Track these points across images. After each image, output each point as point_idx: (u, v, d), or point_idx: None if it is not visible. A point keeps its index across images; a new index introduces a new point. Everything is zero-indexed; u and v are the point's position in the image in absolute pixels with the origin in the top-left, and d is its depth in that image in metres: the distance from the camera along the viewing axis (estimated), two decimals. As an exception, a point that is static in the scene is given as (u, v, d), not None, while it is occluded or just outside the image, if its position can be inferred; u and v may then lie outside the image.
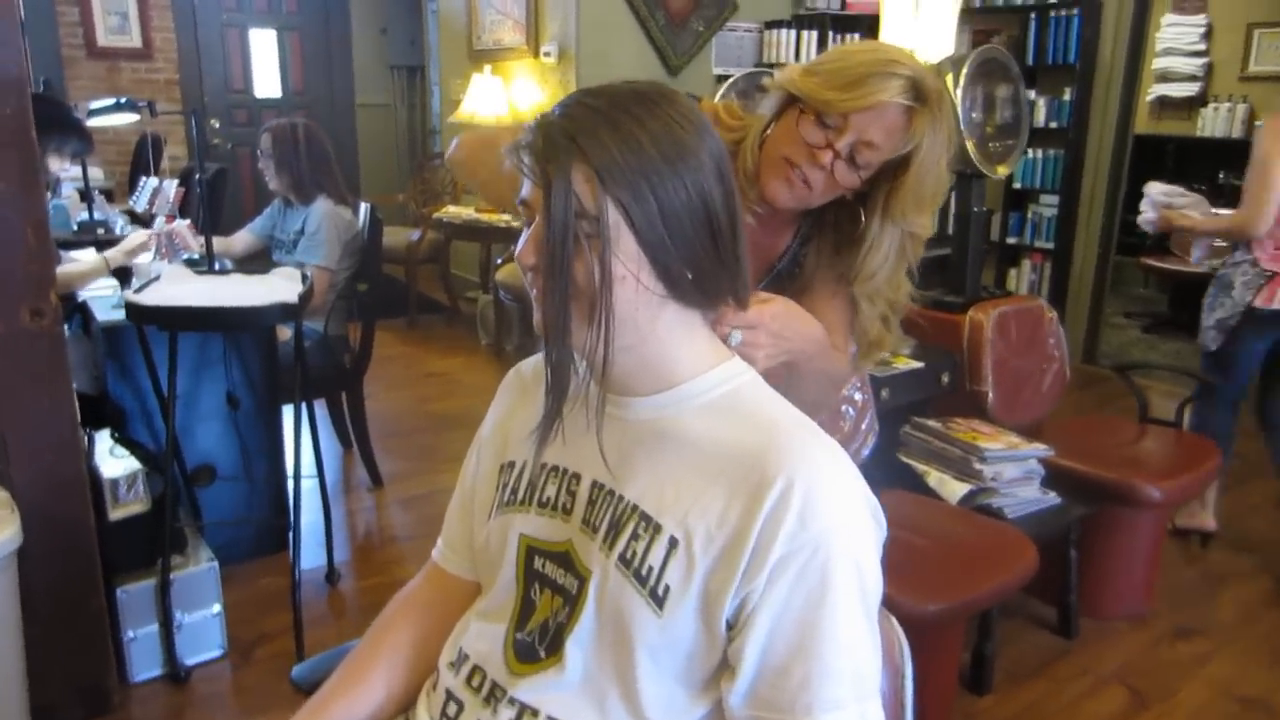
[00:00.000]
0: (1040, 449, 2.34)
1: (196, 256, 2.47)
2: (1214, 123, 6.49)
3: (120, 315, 2.22)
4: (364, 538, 3.07)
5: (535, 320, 0.85)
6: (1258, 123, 6.28)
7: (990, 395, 2.64)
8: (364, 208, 3.21)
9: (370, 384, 3.28)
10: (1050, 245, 4.85)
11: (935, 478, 2.36)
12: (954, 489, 2.30)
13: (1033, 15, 4.70)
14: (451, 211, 5.34)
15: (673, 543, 0.81)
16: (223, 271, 2.32)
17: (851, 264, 1.31)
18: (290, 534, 2.29)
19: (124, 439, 2.20)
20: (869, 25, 5.19)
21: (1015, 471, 2.31)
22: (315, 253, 2.99)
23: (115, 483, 2.01)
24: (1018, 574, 1.99)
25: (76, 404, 1.91)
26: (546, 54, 4.95)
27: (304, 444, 2.27)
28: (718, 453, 0.83)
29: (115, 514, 2.03)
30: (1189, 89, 6.61)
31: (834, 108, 1.20)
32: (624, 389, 0.88)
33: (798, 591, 0.77)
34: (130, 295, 1.97)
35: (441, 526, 1.13)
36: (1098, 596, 2.58)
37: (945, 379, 2.63)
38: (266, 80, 6.92)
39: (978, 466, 2.28)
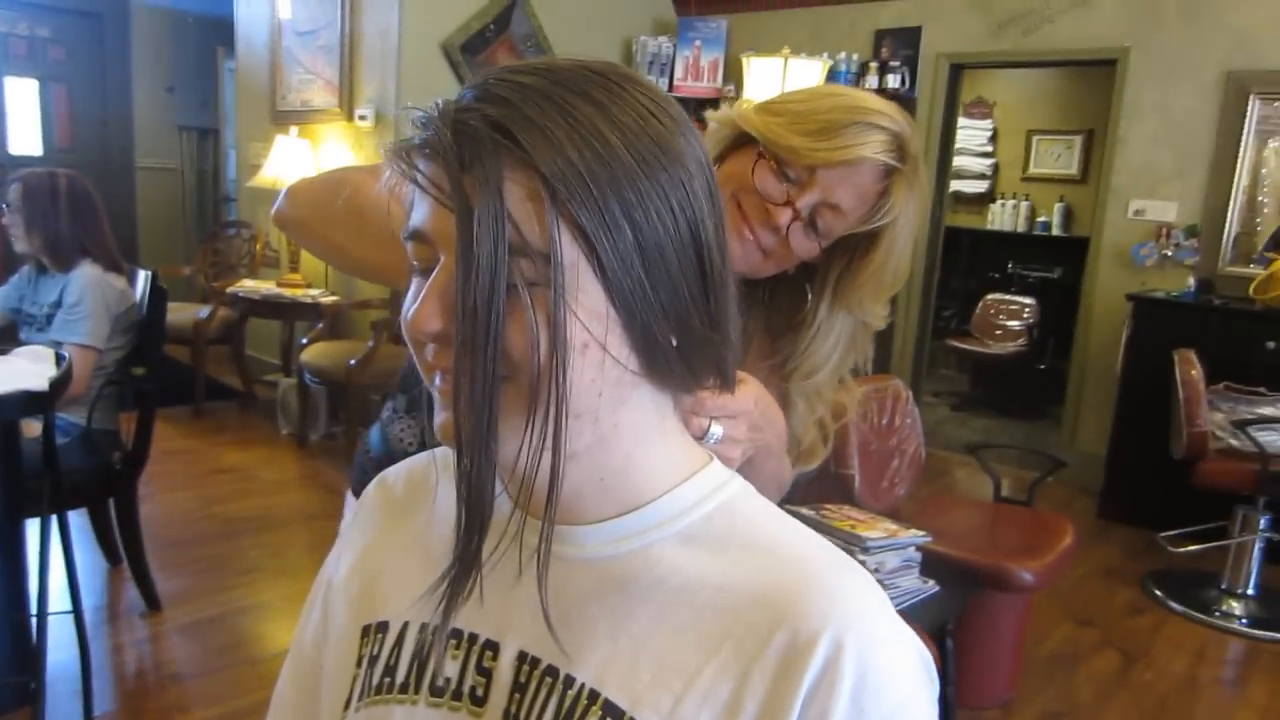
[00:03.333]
0: (918, 535, 2.20)
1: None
2: (1001, 217, 7.04)
3: None
4: (135, 679, 2.49)
5: (439, 421, 0.55)
6: (1040, 218, 6.90)
7: (856, 479, 2.50)
8: (142, 276, 2.72)
9: (144, 484, 2.75)
10: (890, 318, 4.93)
11: (813, 572, 2.17)
12: (835, 584, 2.11)
13: (850, 106, 4.85)
14: (248, 286, 4.81)
15: None
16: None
17: (790, 353, 1.06)
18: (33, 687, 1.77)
19: None
20: (694, 109, 5.22)
21: (896, 561, 2.16)
22: (76, 329, 2.48)
23: None
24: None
25: None
26: (362, 117, 4.61)
27: (55, 567, 1.77)
28: (718, 603, 0.55)
29: None
30: (979, 186, 7.15)
31: (801, 157, 0.95)
32: (565, 514, 0.59)
33: None
34: None
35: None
36: (969, 685, 2.48)
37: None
38: (24, 135, 6.10)
39: (861, 558, 2.10)
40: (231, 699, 2.35)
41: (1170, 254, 4.14)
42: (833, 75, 4.90)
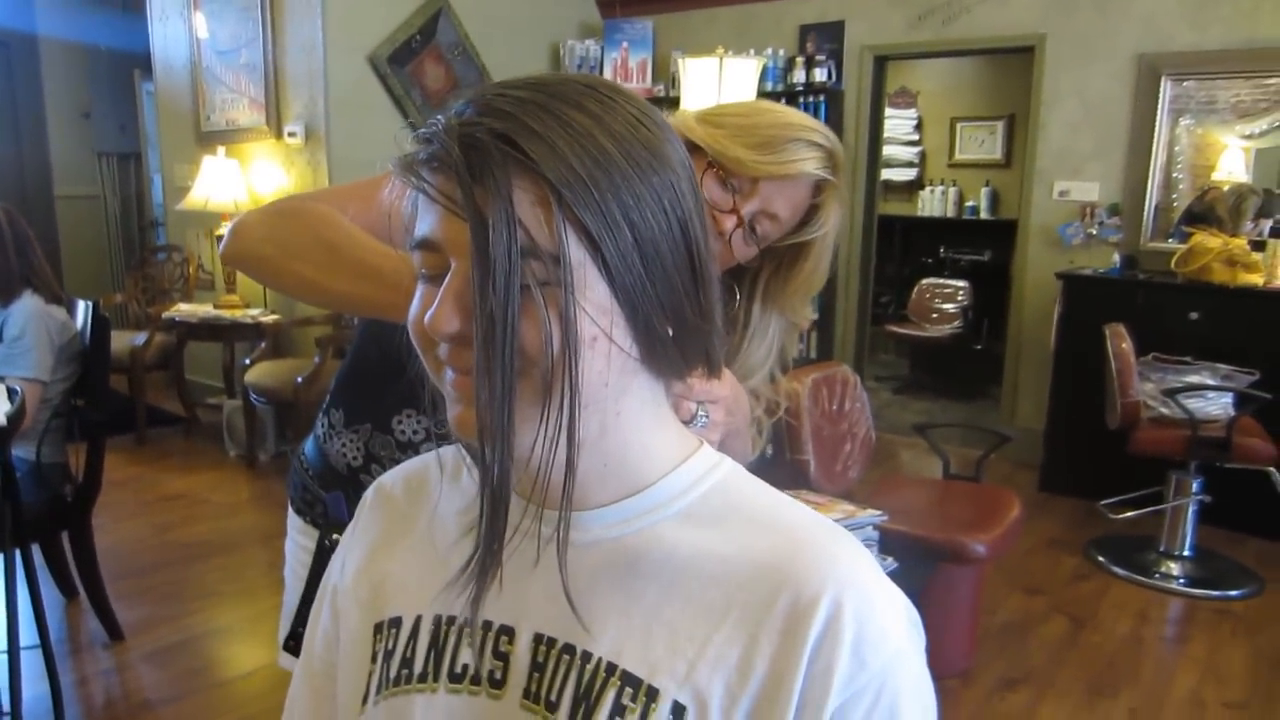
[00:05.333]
0: (875, 514, 2.27)
1: None
2: (930, 204, 7.22)
3: None
4: (105, 709, 2.45)
5: (455, 415, 0.58)
6: (968, 203, 7.10)
7: (811, 464, 2.57)
8: (83, 307, 2.68)
9: (94, 515, 2.70)
10: (815, 316, 5.05)
11: (777, 557, 2.22)
12: (800, 567, 2.17)
13: (781, 101, 4.94)
14: (184, 310, 4.72)
15: (678, 711, 0.57)
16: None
17: (728, 355, 1.10)
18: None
19: None
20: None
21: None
22: (20, 362, 2.43)
23: None
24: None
25: None
26: (291, 134, 4.56)
27: (20, 602, 1.74)
28: (722, 573, 0.59)
29: None
30: (907, 174, 7.32)
31: (745, 168, 1.00)
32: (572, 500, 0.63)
33: None
34: None
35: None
36: (930, 657, 2.53)
37: (769, 451, 2.53)
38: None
39: (822, 541, 2.17)
40: (204, 723, 2.33)
41: (1095, 232, 4.32)
42: (763, 72, 5.00)
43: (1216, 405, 3.36)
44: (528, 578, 0.63)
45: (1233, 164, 4.12)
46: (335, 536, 1.04)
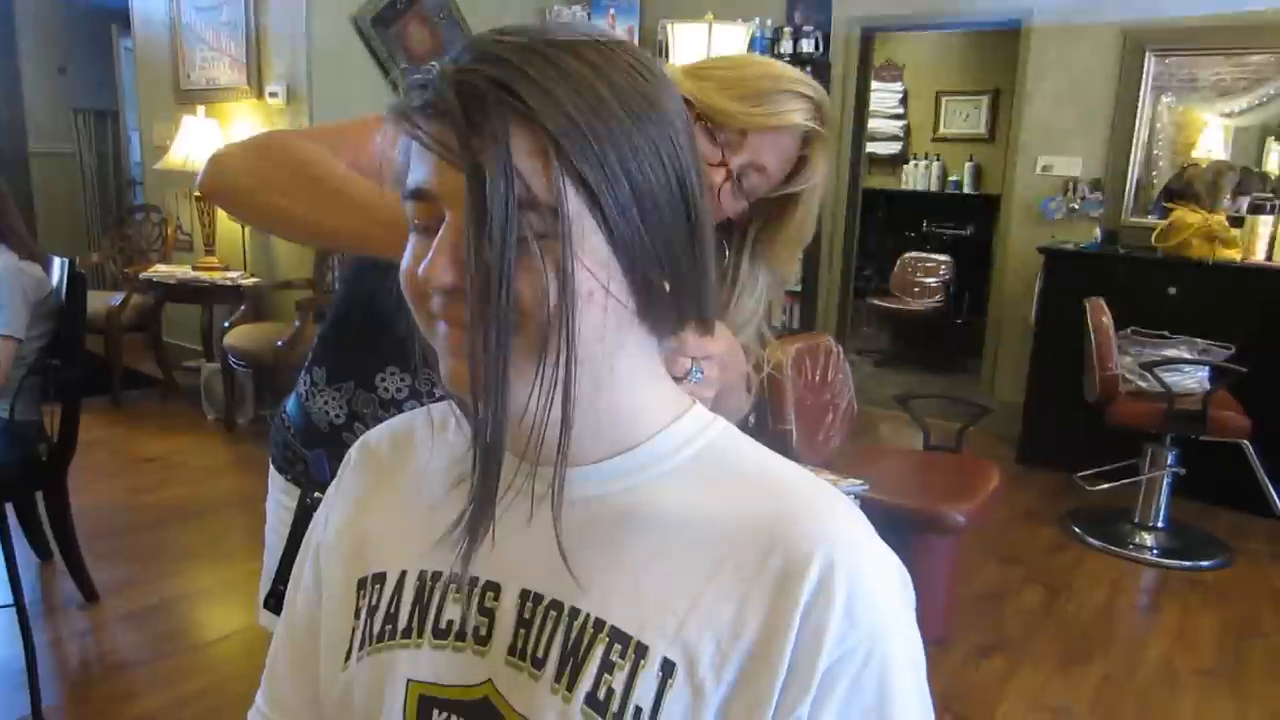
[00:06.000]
0: (857, 484, 2.29)
1: None
2: (915, 177, 7.22)
3: None
4: (80, 670, 2.44)
5: (448, 369, 0.57)
6: (951, 178, 7.09)
7: (794, 433, 2.58)
8: (58, 264, 2.63)
9: (69, 476, 2.67)
10: (798, 288, 5.06)
11: (759, 525, 2.24)
12: (780, 535, 2.19)
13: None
14: (162, 271, 4.66)
15: (668, 668, 0.56)
16: None
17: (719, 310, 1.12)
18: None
19: None
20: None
21: (836, 510, 2.24)
22: (-6, 318, 2.38)
23: None
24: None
25: None
26: (273, 94, 4.48)
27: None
28: (714, 532, 0.59)
29: None
30: (892, 147, 7.31)
31: (735, 120, 0.99)
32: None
33: (852, 712, 0.56)
34: None
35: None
36: (908, 626, 2.58)
37: (751, 420, 2.53)
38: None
39: (803, 508, 2.18)
40: (179, 684, 2.32)
41: (1077, 207, 4.33)
42: (750, 42, 4.95)
43: (1193, 379, 3.40)
44: (515, 534, 0.62)
45: (1212, 141, 4.14)
46: (317, 495, 1.03)
